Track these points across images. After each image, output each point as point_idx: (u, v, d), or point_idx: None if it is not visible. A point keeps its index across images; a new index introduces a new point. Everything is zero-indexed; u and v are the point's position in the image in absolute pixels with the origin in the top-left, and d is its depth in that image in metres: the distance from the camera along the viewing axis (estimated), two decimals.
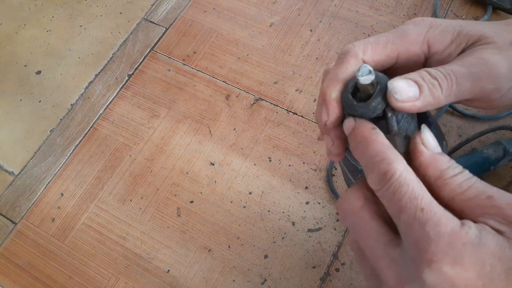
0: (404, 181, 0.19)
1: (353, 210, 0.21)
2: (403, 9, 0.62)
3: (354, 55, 0.23)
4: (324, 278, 0.47)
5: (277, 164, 0.54)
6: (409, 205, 0.18)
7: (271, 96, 0.58)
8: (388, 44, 0.24)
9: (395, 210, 0.19)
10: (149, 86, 0.61)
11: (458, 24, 0.24)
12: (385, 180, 0.19)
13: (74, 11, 0.69)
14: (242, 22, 0.64)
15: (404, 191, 0.19)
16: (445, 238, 0.17)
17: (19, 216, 0.55)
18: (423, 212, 0.18)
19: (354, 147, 0.22)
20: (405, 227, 0.18)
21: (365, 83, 0.21)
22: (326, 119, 0.24)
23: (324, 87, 0.24)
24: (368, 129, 0.21)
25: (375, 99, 0.21)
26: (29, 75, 0.64)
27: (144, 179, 0.55)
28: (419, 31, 0.24)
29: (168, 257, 0.50)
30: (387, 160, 0.20)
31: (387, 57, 0.24)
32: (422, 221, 0.18)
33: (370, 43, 0.24)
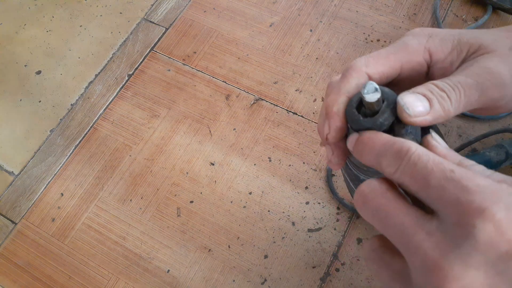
0: (423, 153, 0.18)
1: (377, 193, 0.19)
2: (403, 9, 0.62)
3: (356, 69, 0.23)
4: (324, 278, 0.48)
5: (277, 164, 0.54)
6: (436, 169, 0.17)
7: (271, 96, 0.58)
8: (390, 55, 0.24)
9: (420, 181, 0.17)
10: (149, 86, 0.61)
11: (457, 32, 0.24)
12: (402, 155, 0.18)
13: (74, 11, 0.69)
14: (242, 22, 0.64)
15: (426, 159, 0.17)
16: (489, 188, 0.15)
17: (19, 216, 0.55)
18: (454, 172, 0.16)
19: (360, 150, 0.21)
20: (437, 192, 0.17)
21: (371, 100, 0.21)
22: (328, 132, 0.24)
23: (327, 101, 0.24)
24: (372, 132, 0.21)
25: (382, 114, 0.21)
26: (29, 75, 0.64)
27: (144, 179, 0.55)
28: (419, 41, 0.24)
29: (168, 257, 0.50)
30: (399, 141, 0.19)
31: (391, 68, 0.24)
32: (456, 178, 0.16)
33: (372, 56, 0.24)
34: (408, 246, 0.17)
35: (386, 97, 0.22)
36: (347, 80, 0.23)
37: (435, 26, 0.60)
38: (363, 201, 0.20)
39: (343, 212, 0.50)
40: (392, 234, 0.18)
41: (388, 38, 0.60)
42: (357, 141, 0.22)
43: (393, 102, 0.21)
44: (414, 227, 0.17)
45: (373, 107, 0.22)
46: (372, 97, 0.21)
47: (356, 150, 0.22)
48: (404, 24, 0.61)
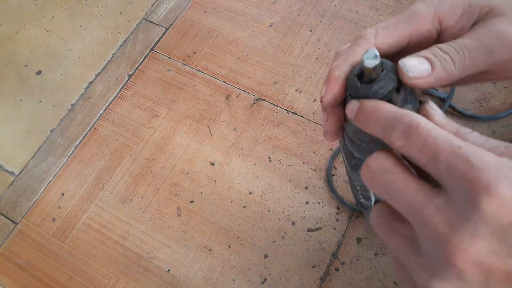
0: (432, 127, 0.18)
1: (385, 168, 0.19)
2: (403, 9, 0.63)
3: (366, 39, 0.24)
4: (324, 277, 0.48)
5: (277, 164, 0.54)
6: (444, 145, 0.17)
7: (271, 96, 0.58)
8: (399, 25, 0.24)
9: (429, 156, 0.18)
10: (149, 86, 0.61)
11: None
12: (412, 130, 0.18)
13: (74, 11, 0.69)
14: (242, 22, 0.64)
15: (434, 135, 0.18)
16: (493, 165, 0.16)
17: (20, 216, 0.55)
18: (461, 148, 0.17)
19: (365, 120, 0.21)
20: (446, 167, 0.17)
21: (369, 66, 0.21)
22: (323, 95, 0.24)
23: (331, 66, 0.24)
24: (375, 100, 0.21)
25: (378, 82, 0.22)
26: (30, 75, 0.65)
27: (145, 179, 0.55)
28: (428, 8, 0.24)
29: (169, 256, 0.50)
30: (408, 114, 0.19)
31: (400, 37, 0.24)
32: (464, 155, 0.17)
33: (381, 26, 0.24)
34: (419, 219, 0.18)
35: (385, 67, 0.22)
36: (354, 48, 0.24)
37: None
38: (371, 175, 0.20)
39: (343, 212, 0.50)
40: (402, 207, 0.19)
41: None
42: (359, 109, 0.22)
43: (391, 71, 0.22)
44: (424, 202, 0.18)
45: (371, 74, 0.22)
46: (370, 63, 0.21)
47: (359, 119, 0.22)
48: None
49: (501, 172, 0.16)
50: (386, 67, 0.22)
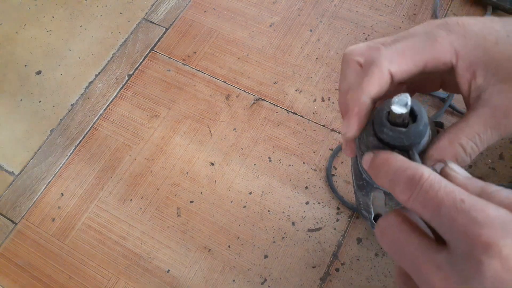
0: (435, 179, 0.18)
1: (392, 225, 0.20)
2: (403, 9, 0.63)
3: (379, 67, 0.23)
4: (324, 278, 0.48)
5: (277, 164, 0.54)
6: (447, 198, 0.17)
7: (271, 96, 0.58)
8: (417, 53, 0.23)
9: (432, 209, 0.17)
10: (149, 86, 0.61)
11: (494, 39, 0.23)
12: (415, 183, 0.18)
13: (74, 11, 0.69)
14: (242, 22, 0.64)
15: (438, 188, 0.17)
16: (497, 220, 0.15)
17: (19, 216, 0.55)
18: (465, 202, 0.16)
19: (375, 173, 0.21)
20: (448, 222, 0.17)
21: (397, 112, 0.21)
22: (346, 131, 0.24)
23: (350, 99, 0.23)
24: (388, 153, 0.21)
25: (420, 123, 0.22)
26: (29, 75, 0.64)
27: (144, 179, 0.55)
28: (451, 41, 0.23)
29: (168, 257, 0.50)
30: (412, 167, 0.19)
31: (415, 66, 0.23)
32: (466, 209, 0.16)
33: (398, 52, 0.23)
34: (419, 277, 0.18)
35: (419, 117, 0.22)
36: (369, 79, 0.23)
37: None
38: (381, 233, 0.20)
39: (343, 212, 0.50)
40: (406, 265, 0.19)
41: None
42: (371, 162, 0.22)
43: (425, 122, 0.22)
44: (424, 259, 0.18)
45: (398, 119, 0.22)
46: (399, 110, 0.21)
47: (371, 171, 0.22)
48: (404, 24, 0.61)
49: (506, 229, 0.15)
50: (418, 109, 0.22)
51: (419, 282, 0.18)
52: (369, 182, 0.29)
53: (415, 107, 0.22)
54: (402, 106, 0.21)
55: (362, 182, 0.31)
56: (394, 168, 0.20)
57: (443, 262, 0.17)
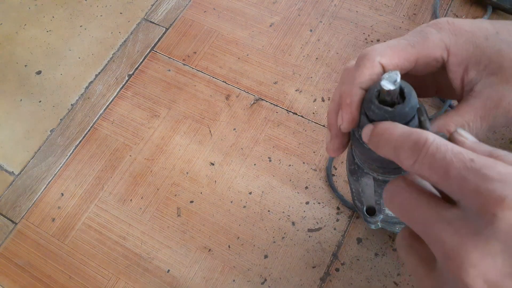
0: (441, 142, 0.18)
1: (401, 188, 0.20)
2: (403, 9, 0.63)
3: (370, 59, 0.23)
4: (324, 278, 0.48)
5: (277, 164, 0.54)
6: (456, 159, 0.17)
7: (271, 96, 0.58)
8: (408, 47, 0.24)
9: (440, 171, 0.17)
10: (149, 86, 0.61)
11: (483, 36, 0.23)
12: (420, 147, 0.18)
13: (74, 11, 0.69)
14: (242, 22, 0.64)
15: (445, 150, 0.17)
16: (509, 175, 0.15)
17: (19, 216, 0.55)
18: (474, 161, 0.16)
19: (376, 142, 0.21)
20: (458, 183, 0.17)
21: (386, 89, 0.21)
22: (341, 123, 0.24)
23: (341, 91, 0.24)
24: (388, 122, 0.21)
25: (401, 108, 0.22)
26: (29, 75, 0.64)
27: (144, 179, 0.55)
28: (441, 38, 0.24)
29: (168, 257, 0.50)
30: (417, 131, 0.19)
31: (406, 61, 0.24)
32: (477, 167, 0.16)
33: (389, 46, 0.24)
34: (430, 236, 0.18)
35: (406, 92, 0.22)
36: (361, 70, 0.23)
37: None
38: (389, 198, 0.20)
39: (343, 212, 0.50)
40: (416, 226, 0.19)
41: (388, 38, 0.60)
42: (372, 132, 0.22)
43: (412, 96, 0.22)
44: (434, 217, 0.18)
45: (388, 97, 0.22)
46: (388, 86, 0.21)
47: (372, 141, 0.22)
48: (404, 24, 0.61)
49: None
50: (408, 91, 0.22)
51: (429, 240, 0.18)
52: (360, 166, 0.30)
53: (405, 89, 0.22)
54: (391, 82, 0.21)
55: (354, 167, 0.31)
56: (397, 134, 0.20)
57: (453, 218, 0.17)
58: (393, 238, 0.49)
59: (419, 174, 0.19)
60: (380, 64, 0.23)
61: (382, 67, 0.24)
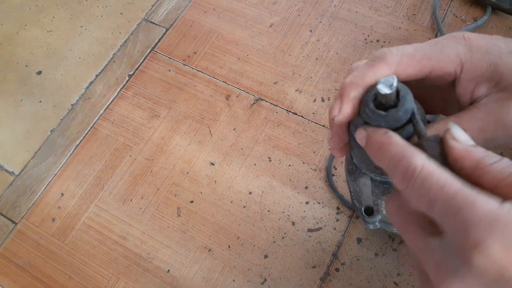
0: (428, 173, 0.18)
1: (394, 210, 0.21)
2: (403, 9, 0.63)
3: (387, 63, 0.23)
4: (324, 278, 0.48)
5: (277, 164, 0.54)
6: (439, 194, 0.18)
7: (271, 96, 0.58)
8: (424, 59, 0.23)
9: (426, 203, 0.18)
10: (150, 86, 0.61)
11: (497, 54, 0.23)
12: (409, 177, 0.19)
13: (75, 12, 0.69)
14: (242, 23, 0.64)
15: (430, 182, 0.18)
16: (484, 219, 0.16)
17: (19, 216, 0.55)
18: (455, 198, 0.17)
19: (374, 157, 0.22)
20: (441, 218, 0.18)
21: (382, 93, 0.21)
22: (336, 114, 0.24)
23: (346, 83, 0.24)
24: (381, 135, 0.21)
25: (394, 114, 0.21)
26: (30, 75, 0.65)
27: (144, 179, 0.55)
28: (457, 52, 0.24)
29: (168, 257, 0.50)
30: (406, 158, 0.19)
31: (420, 71, 0.24)
32: (456, 207, 0.17)
33: (406, 54, 0.23)
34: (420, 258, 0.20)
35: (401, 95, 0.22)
36: (374, 71, 0.23)
37: (434, 27, 0.61)
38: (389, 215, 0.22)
39: (343, 212, 0.50)
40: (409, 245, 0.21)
41: (387, 39, 0.61)
42: (368, 142, 0.22)
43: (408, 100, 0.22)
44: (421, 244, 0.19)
45: (384, 100, 0.22)
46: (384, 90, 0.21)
47: (368, 150, 0.22)
48: (403, 24, 0.61)
49: (494, 227, 0.16)
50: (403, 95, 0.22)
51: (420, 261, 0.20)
52: (358, 166, 0.30)
53: (401, 92, 0.22)
54: (387, 86, 0.21)
55: (352, 167, 0.31)
56: (389, 156, 0.20)
57: (437, 247, 0.18)
58: (393, 238, 0.49)
59: (411, 200, 0.20)
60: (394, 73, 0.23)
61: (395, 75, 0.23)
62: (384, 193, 0.31)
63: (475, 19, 0.61)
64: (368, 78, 0.23)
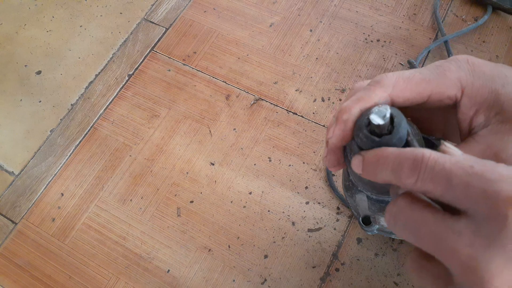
0: (438, 155, 0.18)
1: (403, 208, 0.19)
2: (403, 9, 0.63)
3: (383, 86, 0.23)
4: (324, 278, 0.48)
5: (277, 164, 0.54)
6: (456, 168, 0.17)
7: (271, 96, 0.58)
8: (423, 83, 0.23)
9: (443, 182, 0.17)
10: (149, 86, 0.61)
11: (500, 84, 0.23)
12: (419, 163, 0.18)
13: (74, 11, 0.69)
14: (242, 22, 0.64)
15: (442, 161, 0.17)
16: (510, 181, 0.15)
17: (19, 216, 0.55)
18: (474, 167, 0.16)
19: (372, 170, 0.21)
20: (462, 190, 0.16)
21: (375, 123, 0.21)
22: (330, 136, 0.24)
23: (342, 106, 0.23)
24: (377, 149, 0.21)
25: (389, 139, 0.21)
26: (29, 75, 0.64)
27: (144, 179, 0.55)
28: (459, 76, 0.23)
29: (168, 257, 0.50)
30: (411, 150, 0.19)
31: (419, 95, 0.23)
32: (478, 172, 0.16)
33: (403, 77, 0.23)
34: (442, 251, 0.17)
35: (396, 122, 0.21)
36: (369, 94, 0.23)
37: (435, 26, 0.61)
38: (393, 220, 0.20)
39: (343, 212, 0.50)
40: (425, 243, 0.18)
41: (388, 38, 0.60)
42: (364, 162, 0.21)
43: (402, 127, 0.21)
44: (444, 230, 0.17)
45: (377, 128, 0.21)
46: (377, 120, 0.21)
47: (367, 171, 0.21)
48: (404, 24, 0.61)
49: None
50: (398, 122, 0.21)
51: (442, 256, 0.17)
52: (354, 183, 0.29)
53: (396, 119, 0.21)
54: (380, 117, 0.21)
55: (349, 183, 0.31)
56: (393, 157, 0.20)
57: (464, 228, 0.17)
58: (393, 238, 0.49)
59: (422, 190, 0.18)
60: (389, 96, 0.23)
61: (390, 99, 0.23)
62: (380, 210, 0.31)
63: (476, 19, 0.61)
64: (363, 101, 0.23)
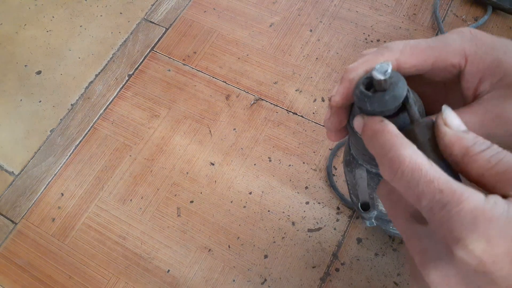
0: (415, 166, 0.19)
1: (386, 194, 0.22)
2: (403, 9, 0.63)
3: (391, 51, 0.24)
4: (324, 278, 0.48)
5: (277, 164, 0.54)
6: (426, 189, 0.18)
7: (271, 96, 0.58)
8: (428, 49, 0.24)
9: (413, 197, 0.19)
10: (149, 86, 0.61)
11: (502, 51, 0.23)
12: (396, 168, 0.19)
13: (74, 11, 0.69)
14: (242, 22, 0.64)
15: (417, 176, 0.18)
16: (468, 216, 0.17)
17: (19, 216, 0.55)
18: (442, 193, 0.18)
19: (367, 144, 0.22)
20: (427, 212, 0.18)
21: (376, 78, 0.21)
22: (333, 94, 0.24)
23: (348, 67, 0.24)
24: (376, 122, 0.22)
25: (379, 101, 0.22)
26: (30, 75, 0.64)
27: (144, 179, 0.55)
28: (461, 44, 0.24)
29: (168, 257, 0.50)
30: (395, 148, 0.20)
31: (424, 61, 0.24)
32: (443, 202, 0.18)
33: (410, 45, 0.24)
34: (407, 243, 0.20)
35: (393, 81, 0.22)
36: (376, 56, 0.24)
37: (435, 26, 0.61)
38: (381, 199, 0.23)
39: (343, 212, 0.50)
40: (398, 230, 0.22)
41: (388, 38, 0.60)
42: (363, 130, 0.22)
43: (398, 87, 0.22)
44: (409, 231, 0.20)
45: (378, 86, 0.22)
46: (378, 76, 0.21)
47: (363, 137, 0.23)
48: (404, 24, 0.61)
49: (476, 225, 0.17)
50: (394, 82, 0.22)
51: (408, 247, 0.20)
52: (355, 157, 0.30)
53: (393, 79, 0.22)
54: (381, 73, 0.21)
55: (349, 158, 0.31)
56: (380, 144, 0.21)
57: (423, 235, 0.19)
58: (393, 238, 0.49)
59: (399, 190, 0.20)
60: (396, 60, 0.24)
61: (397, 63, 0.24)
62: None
63: (476, 19, 0.61)
64: (370, 62, 0.24)
